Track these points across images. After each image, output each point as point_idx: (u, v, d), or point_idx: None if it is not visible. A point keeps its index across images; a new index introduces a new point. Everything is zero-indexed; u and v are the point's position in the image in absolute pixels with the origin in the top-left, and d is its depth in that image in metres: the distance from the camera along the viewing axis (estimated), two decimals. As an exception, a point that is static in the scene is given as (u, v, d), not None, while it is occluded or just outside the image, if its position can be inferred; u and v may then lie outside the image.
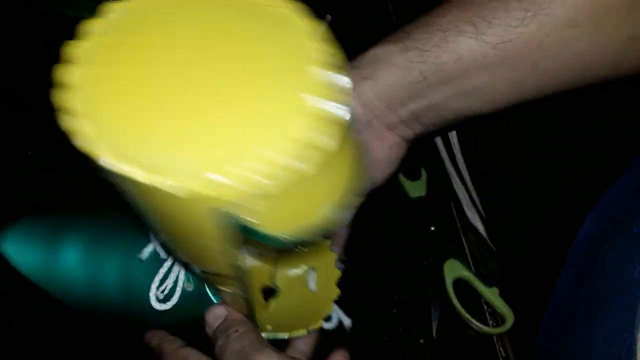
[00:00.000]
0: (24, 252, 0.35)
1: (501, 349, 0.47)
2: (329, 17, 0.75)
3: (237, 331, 0.32)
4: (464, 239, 0.54)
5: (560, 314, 0.36)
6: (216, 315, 0.34)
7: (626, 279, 0.28)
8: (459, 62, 0.31)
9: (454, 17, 0.31)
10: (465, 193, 0.49)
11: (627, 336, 0.26)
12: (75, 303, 0.36)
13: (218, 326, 0.33)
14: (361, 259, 0.52)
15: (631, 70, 0.31)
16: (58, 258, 0.35)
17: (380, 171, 0.36)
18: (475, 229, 0.51)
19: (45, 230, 0.35)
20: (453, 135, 0.45)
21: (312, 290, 0.38)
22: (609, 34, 0.29)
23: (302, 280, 0.38)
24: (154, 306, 0.34)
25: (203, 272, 0.27)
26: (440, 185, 0.52)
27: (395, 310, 0.49)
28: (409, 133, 0.35)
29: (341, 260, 0.42)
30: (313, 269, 0.39)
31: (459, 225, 0.55)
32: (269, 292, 0.38)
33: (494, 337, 0.48)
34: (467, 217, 0.50)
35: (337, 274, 0.39)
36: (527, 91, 0.32)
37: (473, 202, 0.48)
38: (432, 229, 0.53)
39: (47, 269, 0.35)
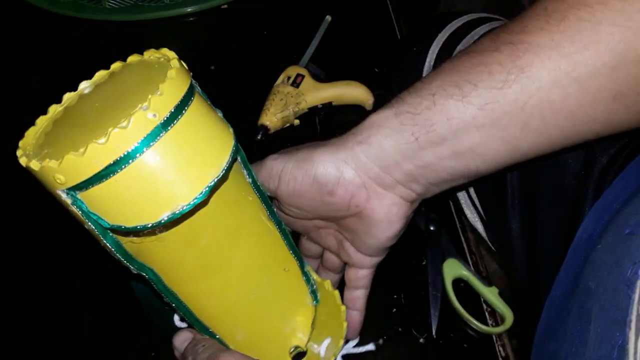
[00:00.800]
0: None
1: (500, 348, 0.47)
2: (328, 17, 0.76)
3: (204, 345, 0.35)
4: (463, 239, 0.54)
5: (556, 314, 0.36)
6: (183, 339, 0.36)
7: (618, 279, 0.28)
8: (449, 123, 0.32)
9: (442, 81, 0.32)
10: (465, 193, 0.49)
11: (619, 335, 0.26)
12: (156, 319, 0.48)
13: (186, 347, 0.36)
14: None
15: (625, 126, 0.31)
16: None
17: (382, 230, 0.37)
18: (475, 229, 0.51)
19: None
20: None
21: (321, 356, 0.41)
22: (595, 93, 0.29)
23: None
24: (177, 324, 0.43)
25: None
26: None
27: (395, 309, 0.49)
28: (409, 193, 0.36)
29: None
30: (329, 337, 0.42)
31: (458, 225, 0.55)
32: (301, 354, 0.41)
33: (494, 336, 0.48)
34: (467, 217, 0.51)
35: (341, 344, 0.42)
36: (522, 150, 0.32)
37: (473, 202, 0.48)
38: (432, 228, 0.53)
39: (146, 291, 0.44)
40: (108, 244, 0.28)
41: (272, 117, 0.59)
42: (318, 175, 0.35)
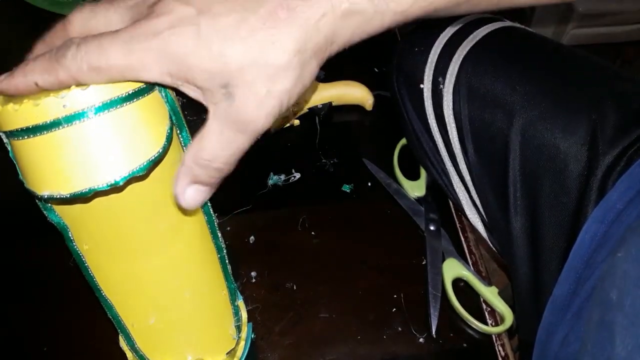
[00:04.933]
0: None
1: (500, 348, 0.48)
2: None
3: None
4: (463, 239, 0.54)
5: (558, 314, 0.37)
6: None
7: None
8: None
9: None
10: (465, 193, 0.49)
11: None
12: None
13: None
14: (361, 258, 0.52)
15: None
16: None
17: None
18: (475, 229, 0.51)
19: None
20: (454, 135, 0.46)
21: None
22: None
23: None
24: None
25: None
26: (440, 185, 0.52)
27: (395, 309, 0.49)
28: None
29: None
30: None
31: (458, 225, 0.55)
32: None
33: (493, 336, 0.48)
34: (467, 217, 0.51)
35: None
36: None
37: (473, 202, 0.48)
38: (432, 228, 0.53)
39: None
40: (28, 189, 0.29)
41: (272, 117, 0.59)
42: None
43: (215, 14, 0.25)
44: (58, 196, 0.27)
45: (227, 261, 0.38)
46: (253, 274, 0.51)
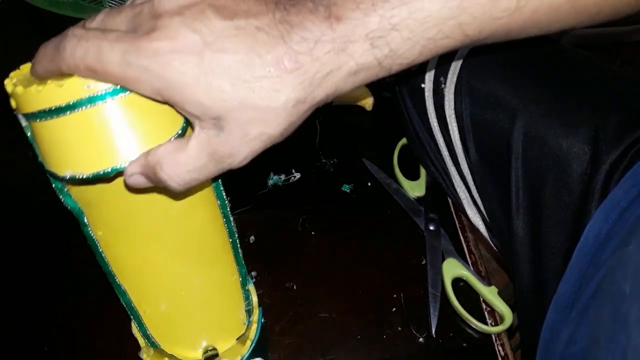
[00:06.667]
0: None
1: (500, 347, 0.48)
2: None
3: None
4: (462, 239, 0.54)
5: (562, 312, 0.37)
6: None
7: None
8: None
9: None
10: (466, 192, 0.49)
11: None
12: None
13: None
14: (361, 258, 0.52)
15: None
16: None
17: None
18: (475, 229, 0.51)
19: None
20: (455, 135, 0.46)
21: None
22: None
23: None
24: None
25: None
26: (440, 184, 0.52)
27: (394, 309, 0.49)
28: None
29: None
30: None
31: (458, 225, 0.55)
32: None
33: (493, 335, 0.48)
34: (467, 216, 0.51)
35: None
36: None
37: (474, 202, 0.48)
38: (432, 228, 0.53)
39: None
40: (47, 173, 0.29)
41: (272, 117, 0.59)
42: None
43: (221, 49, 0.24)
44: (79, 176, 0.27)
45: (238, 245, 0.37)
46: (253, 273, 0.51)
